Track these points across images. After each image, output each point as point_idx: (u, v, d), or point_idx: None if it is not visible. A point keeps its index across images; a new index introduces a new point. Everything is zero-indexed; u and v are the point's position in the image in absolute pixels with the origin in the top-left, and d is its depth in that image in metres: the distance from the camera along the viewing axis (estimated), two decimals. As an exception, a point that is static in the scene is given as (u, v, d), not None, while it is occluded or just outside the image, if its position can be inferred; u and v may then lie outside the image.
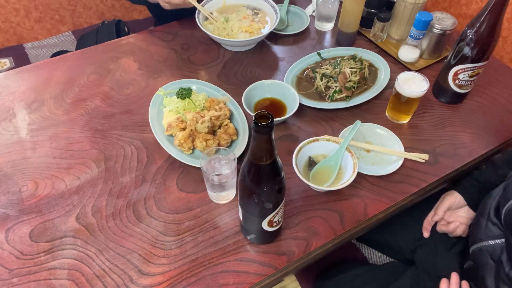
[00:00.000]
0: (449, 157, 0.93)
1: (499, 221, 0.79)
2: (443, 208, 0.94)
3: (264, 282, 0.74)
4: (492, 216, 0.81)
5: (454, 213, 0.95)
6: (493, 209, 0.81)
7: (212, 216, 0.82)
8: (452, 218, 0.95)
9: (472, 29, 0.89)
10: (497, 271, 0.77)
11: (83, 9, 2.25)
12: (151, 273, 0.74)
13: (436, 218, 0.96)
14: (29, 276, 0.73)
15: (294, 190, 0.86)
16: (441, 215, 0.95)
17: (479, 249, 0.83)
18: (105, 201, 0.84)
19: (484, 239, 0.81)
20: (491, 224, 0.81)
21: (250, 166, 0.60)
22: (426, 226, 0.99)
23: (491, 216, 0.81)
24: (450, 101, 1.04)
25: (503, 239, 0.77)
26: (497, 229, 0.79)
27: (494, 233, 0.80)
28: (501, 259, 0.76)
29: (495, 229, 0.80)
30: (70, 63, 1.13)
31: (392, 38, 1.21)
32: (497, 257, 0.77)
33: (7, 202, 0.83)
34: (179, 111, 0.95)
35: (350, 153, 0.85)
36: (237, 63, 1.14)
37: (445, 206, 0.94)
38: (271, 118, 0.53)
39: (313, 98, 1.03)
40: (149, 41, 1.20)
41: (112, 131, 0.97)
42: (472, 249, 0.85)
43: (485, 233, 0.81)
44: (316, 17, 1.26)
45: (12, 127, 0.97)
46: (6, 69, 2.10)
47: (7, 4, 2.05)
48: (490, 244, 0.80)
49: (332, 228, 0.81)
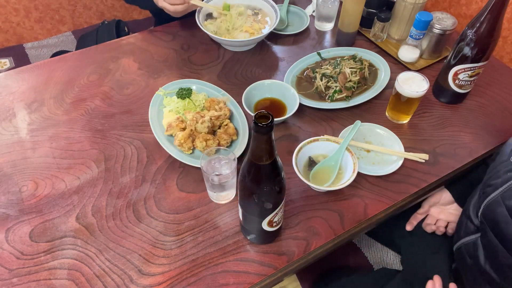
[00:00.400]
0: (449, 157, 0.93)
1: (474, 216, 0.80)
2: (429, 202, 0.97)
3: (264, 282, 0.74)
4: (470, 212, 0.82)
5: (444, 210, 0.96)
6: (472, 205, 0.82)
7: (212, 216, 0.82)
8: (442, 215, 0.96)
9: (472, 29, 0.89)
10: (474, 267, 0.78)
11: (83, 9, 2.25)
12: (151, 273, 0.74)
13: (421, 211, 0.99)
14: (29, 276, 0.73)
15: (294, 190, 0.86)
16: (426, 208, 0.97)
17: (459, 247, 0.83)
18: (105, 201, 0.84)
19: (462, 237, 0.82)
20: (469, 221, 0.81)
21: (250, 166, 0.60)
22: (411, 220, 1.01)
23: (469, 213, 0.82)
24: (450, 101, 1.04)
25: (476, 234, 0.78)
26: (472, 225, 0.80)
27: (470, 230, 0.81)
28: (477, 255, 0.76)
29: (471, 226, 0.81)
30: (70, 63, 1.13)
31: (392, 38, 1.21)
32: (472, 253, 0.78)
33: (7, 202, 0.83)
34: (179, 111, 0.95)
35: (350, 153, 0.85)
36: (237, 63, 1.14)
37: (431, 200, 0.97)
38: (271, 118, 0.53)
39: (313, 98, 1.03)
40: (149, 41, 1.20)
41: (112, 131, 0.97)
42: (455, 248, 0.86)
43: (464, 230, 0.82)
44: (316, 17, 1.26)
45: (12, 127, 0.97)
46: (6, 69, 2.10)
47: (7, 4, 2.05)
48: (467, 240, 0.81)
49: (332, 228, 0.81)
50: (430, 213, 0.99)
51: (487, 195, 0.75)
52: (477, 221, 0.79)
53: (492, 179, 0.76)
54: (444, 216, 0.97)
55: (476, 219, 0.79)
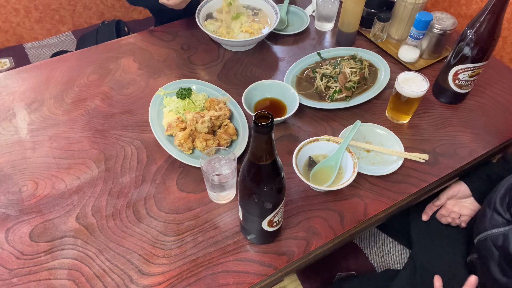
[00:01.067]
0: (449, 157, 0.93)
1: (503, 210, 0.81)
2: (446, 194, 0.97)
3: (264, 282, 0.74)
4: (498, 206, 0.82)
5: (459, 202, 0.97)
6: (499, 199, 0.83)
7: (212, 216, 0.82)
8: (456, 208, 0.97)
9: (472, 29, 0.89)
10: (501, 258, 0.78)
11: (83, 9, 2.25)
12: (151, 273, 0.74)
13: (438, 203, 0.98)
14: (29, 276, 0.73)
15: (294, 190, 0.86)
16: (443, 200, 0.98)
17: (484, 238, 0.84)
18: (105, 201, 0.84)
19: (488, 228, 0.82)
20: (496, 214, 0.82)
21: (250, 166, 0.60)
22: (427, 210, 1.01)
23: (497, 206, 0.82)
24: (450, 101, 1.04)
25: (506, 227, 0.79)
26: (501, 218, 0.81)
27: (498, 222, 0.82)
28: (506, 246, 0.77)
29: (499, 218, 0.81)
30: (70, 63, 1.13)
31: (392, 38, 1.21)
32: (500, 244, 0.79)
33: (7, 202, 0.83)
34: (179, 111, 0.95)
35: (350, 153, 0.85)
36: (237, 63, 1.14)
37: (449, 193, 0.97)
38: (271, 118, 0.53)
39: (313, 98, 1.03)
40: (149, 41, 1.20)
41: (112, 131, 0.97)
42: (477, 239, 0.86)
43: (490, 222, 0.83)
44: (316, 17, 1.26)
45: (12, 127, 0.97)
46: (6, 69, 2.10)
47: (7, 4, 2.05)
48: (494, 232, 0.81)
49: (332, 228, 0.81)
50: (445, 205, 0.99)
51: None
52: (507, 215, 0.80)
53: None
54: (457, 208, 0.97)
55: (506, 213, 0.80)
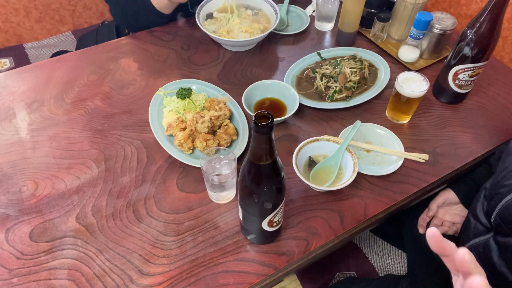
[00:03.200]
0: (449, 157, 0.93)
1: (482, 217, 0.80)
2: (436, 202, 0.96)
3: (264, 282, 0.74)
4: (478, 213, 0.81)
5: (449, 210, 0.96)
6: (479, 206, 0.82)
7: (212, 216, 0.82)
8: (447, 217, 0.96)
9: (472, 29, 0.89)
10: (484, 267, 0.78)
11: (83, 9, 2.25)
12: (151, 273, 0.74)
13: (430, 214, 0.98)
14: (29, 276, 0.73)
15: (294, 190, 0.86)
16: (434, 210, 0.97)
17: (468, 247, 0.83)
18: (105, 201, 0.84)
19: (471, 238, 0.82)
20: (478, 222, 0.81)
21: (250, 166, 0.60)
22: (421, 223, 1.01)
23: (477, 214, 0.82)
24: (450, 101, 1.04)
25: (486, 235, 0.78)
26: (482, 226, 0.80)
27: (479, 231, 0.80)
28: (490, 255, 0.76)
29: (480, 227, 0.81)
30: (70, 63, 1.13)
31: (392, 38, 1.21)
32: (482, 254, 0.78)
33: (7, 202, 0.83)
34: (179, 111, 0.95)
35: (350, 153, 0.85)
36: (237, 63, 1.14)
37: (438, 201, 0.96)
38: (271, 118, 0.53)
39: (313, 98, 1.03)
40: (149, 41, 1.20)
41: (112, 131, 0.97)
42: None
43: (473, 232, 0.82)
44: (316, 17, 1.26)
45: (12, 127, 0.97)
46: (6, 69, 2.10)
47: (7, 4, 2.05)
48: (476, 242, 0.81)
49: (332, 228, 0.80)
50: (437, 214, 0.98)
51: (503, 196, 0.73)
52: (486, 222, 0.78)
53: (506, 180, 0.74)
54: (449, 217, 0.96)
55: (485, 220, 0.78)
